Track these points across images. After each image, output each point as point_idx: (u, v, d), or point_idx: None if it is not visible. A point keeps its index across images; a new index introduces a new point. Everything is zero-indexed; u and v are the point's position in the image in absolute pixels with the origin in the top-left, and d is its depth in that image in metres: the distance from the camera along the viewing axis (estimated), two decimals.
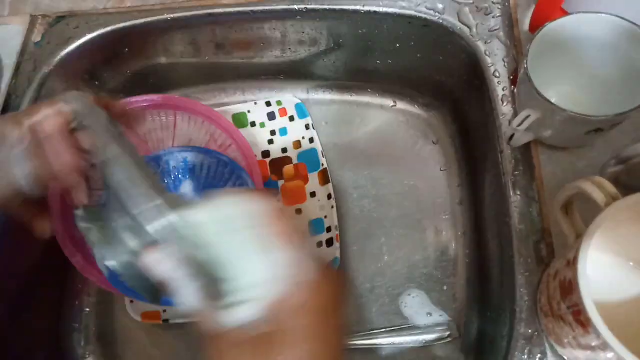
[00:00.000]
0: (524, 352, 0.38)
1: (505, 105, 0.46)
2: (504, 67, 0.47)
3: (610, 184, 0.31)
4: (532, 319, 0.38)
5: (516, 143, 0.42)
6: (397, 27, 0.53)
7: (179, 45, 0.57)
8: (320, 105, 0.64)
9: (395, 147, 0.61)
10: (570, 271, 0.31)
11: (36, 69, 0.51)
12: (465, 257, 0.55)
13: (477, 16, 0.50)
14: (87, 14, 0.54)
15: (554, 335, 0.36)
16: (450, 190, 0.59)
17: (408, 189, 0.59)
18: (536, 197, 0.42)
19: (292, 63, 0.61)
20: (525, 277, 0.40)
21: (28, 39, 0.53)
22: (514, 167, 0.43)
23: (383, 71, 0.60)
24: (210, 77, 0.64)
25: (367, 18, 0.53)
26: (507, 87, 0.46)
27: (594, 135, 0.39)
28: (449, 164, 0.60)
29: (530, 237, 0.41)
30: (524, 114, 0.39)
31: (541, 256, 0.40)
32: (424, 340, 0.51)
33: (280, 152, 0.61)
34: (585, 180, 0.32)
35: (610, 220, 0.30)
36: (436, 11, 0.51)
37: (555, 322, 0.35)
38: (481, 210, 0.53)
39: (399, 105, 0.64)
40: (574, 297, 0.30)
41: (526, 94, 0.40)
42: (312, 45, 0.58)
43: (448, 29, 0.50)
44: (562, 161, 0.43)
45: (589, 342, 0.30)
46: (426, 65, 0.57)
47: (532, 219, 0.41)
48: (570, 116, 0.37)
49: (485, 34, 0.49)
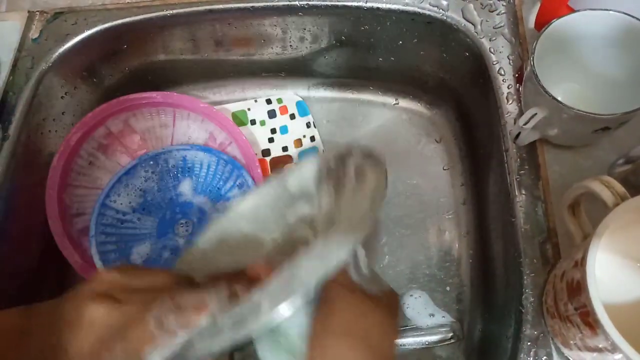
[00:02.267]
0: (529, 354, 0.37)
1: (510, 103, 0.45)
2: (509, 65, 0.47)
3: (618, 183, 0.31)
4: (538, 320, 0.38)
5: (522, 142, 0.42)
6: (400, 24, 0.52)
7: (178, 42, 0.57)
8: (321, 103, 0.64)
9: (398, 145, 0.61)
10: (578, 272, 0.30)
11: (34, 65, 0.50)
12: (468, 257, 0.54)
13: (481, 13, 0.49)
14: (86, 10, 0.53)
15: (560, 337, 0.36)
16: (453, 189, 0.58)
17: (410, 188, 0.58)
18: (542, 197, 0.41)
19: (293, 60, 0.61)
20: (531, 277, 0.39)
21: (25, 35, 0.52)
22: (519, 166, 0.43)
23: (385, 68, 0.60)
24: (209, 75, 0.63)
25: (370, 14, 0.52)
26: (512, 85, 0.46)
27: (600, 133, 0.38)
28: (452, 162, 0.59)
29: (536, 237, 0.40)
30: (530, 112, 0.39)
31: (547, 256, 0.40)
32: (427, 342, 0.51)
33: (280, 151, 0.60)
34: (594, 180, 0.31)
35: (618, 221, 0.30)
36: (440, 8, 0.50)
37: (561, 324, 0.34)
38: (485, 210, 0.52)
39: (402, 103, 0.63)
40: (581, 298, 0.30)
41: (532, 91, 0.39)
42: (314, 42, 0.58)
43: (452, 26, 0.50)
44: (568, 160, 0.42)
45: (597, 343, 0.30)
46: (429, 62, 0.57)
47: (538, 219, 0.41)
48: (578, 114, 0.36)
49: (489, 31, 0.48)
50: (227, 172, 0.55)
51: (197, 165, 0.56)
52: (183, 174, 0.56)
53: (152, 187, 0.55)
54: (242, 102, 0.63)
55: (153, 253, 0.53)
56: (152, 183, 0.55)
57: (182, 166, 0.56)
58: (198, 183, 0.57)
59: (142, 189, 0.55)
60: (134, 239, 0.53)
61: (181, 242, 0.55)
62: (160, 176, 0.56)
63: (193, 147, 0.55)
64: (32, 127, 0.49)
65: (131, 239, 0.53)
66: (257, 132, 0.61)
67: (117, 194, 0.53)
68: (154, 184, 0.55)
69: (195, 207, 0.56)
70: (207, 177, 0.57)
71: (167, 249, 0.54)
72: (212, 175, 0.56)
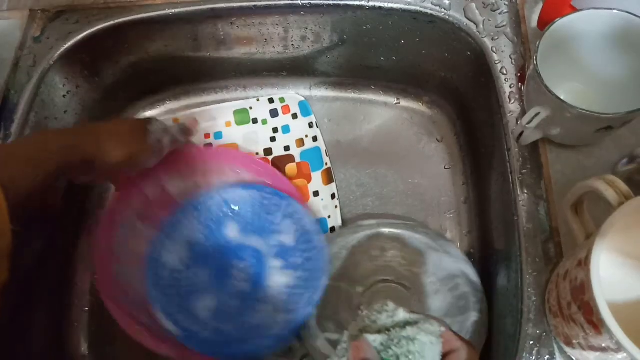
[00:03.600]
0: (532, 353, 0.37)
1: (512, 102, 0.45)
2: (511, 64, 0.47)
3: (623, 182, 0.31)
4: (540, 319, 0.38)
5: (525, 141, 0.42)
6: (402, 23, 0.53)
7: (180, 41, 0.57)
8: (322, 102, 0.64)
9: (399, 144, 0.61)
10: (582, 271, 0.30)
11: (35, 64, 0.50)
12: (470, 256, 0.54)
13: (483, 12, 0.49)
14: (87, 8, 0.53)
15: (563, 336, 0.36)
16: (454, 188, 0.58)
17: (412, 187, 0.58)
18: (544, 196, 0.42)
19: (295, 59, 0.61)
20: (533, 276, 0.39)
21: (27, 34, 0.52)
22: (521, 165, 0.43)
23: (387, 68, 0.60)
24: (211, 73, 0.63)
25: (372, 13, 0.52)
26: (514, 84, 0.46)
27: (603, 133, 0.38)
28: (454, 162, 0.59)
29: (538, 236, 0.40)
30: (533, 112, 0.39)
31: (549, 256, 0.40)
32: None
33: (282, 150, 0.60)
34: (598, 179, 0.31)
35: (622, 220, 0.30)
36: (442, 7, 0.50)
37: (564, 323, 0.34)
38: (487, 209, 0.52)
39: (403, 103, 0.63)
40: (585, 298, 0.30)
41: (535, 91, 0.39)
42: (315, 41, 0.58)
43: (454, 25, 0.50)
44: (571, 159, 0.42)
45: (601, 342, 0.30)
46: (431, 61, 0.57)
47: (540, 218, 0.41)
48: (581, 114, 0.36)
49: (492, 31, 0.49)
50: (273, 204, 0.52)
51: (240, 205, 0.52)
52: (227, 217, 0.52)
53: (199, 238, 0.51)
54: (244, 100, 0.63)
55: (221, 304, 0.49)
56: (198, 233, 0.51)
57: (224, 210, 0.52)
58: (246, 223, 0.53)
59: (189, 241, 0.51)
60: (195, 295, 0.49)
61: (245, 286, 0.50)
62: (204, 224, 0.52)
63: (233, 185, 0.52)
64: (34, 125, 0.49)
65: (192, 296, 0.49)
66: (259, 131, 0.61)
67: (167, 252, 0.49)
68: (200, 234, 0.51)
69: (248, 249, 0.52)
70: (253, 216, 0.53)
71: (233, 298, 0.50)
72: (259, 213, 0.52)
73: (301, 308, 0.47)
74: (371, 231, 0.50)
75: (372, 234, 0.50)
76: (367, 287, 0.49)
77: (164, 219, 0.50)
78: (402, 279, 0.50)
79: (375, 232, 0.50)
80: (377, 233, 0.50)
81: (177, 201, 0.52)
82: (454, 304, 0.48)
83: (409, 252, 0.50)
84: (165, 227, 0.50)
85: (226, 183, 0.53)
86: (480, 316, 0.46)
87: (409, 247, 0.50)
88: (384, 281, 0.50)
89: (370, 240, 0.50)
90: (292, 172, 0.59)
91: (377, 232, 0.50)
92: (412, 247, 0.50)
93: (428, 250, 0.50)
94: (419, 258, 0.50)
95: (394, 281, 0.50)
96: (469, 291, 0.47)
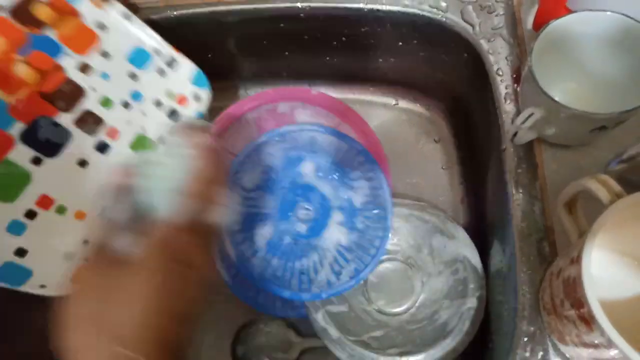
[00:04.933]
0: (526, 350, 0.38)
1: (508, 103, 0.46)
2: (507, 66, 0.47)
3: (614, 182, 0.31)
4: (534, 316, 0.38)
5: (519, 141, 0.42)
6: (400, 25, 0.53)
7: (180, 44, 0.57)
8: None
9: (397, 145, 0.61)
10: (574, 269, 0.31)
11: None
12: None
13: (480, 14, 0.50)
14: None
15: (557, 333, 0.36)
16: (451, 188, 0.59)
17: (410, 187, 0.59)
18: (539, 195, 0.42)
19: (294, 61, 0.61)
20: (528, 274, 0.40)
21: None
22: (516, 165, 0.43)
23: (385, 69, 0.60)
24: (210, 76, 0.63)
25: (370, 16, 0.52)
26: (510, 85, 0.46)
27: (597, 133, 0.39)
28: (451, 162, 0.60)
29: (533, 235, 0.41)
30: (527, 112, 0.39)
31: (543, 254, 0.40)
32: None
33: None
34: (590, 178, 0.32)
35: (614, 218, 0.30)
36: (439, 9, 0.50)
37: (558, 320, 0.35)
38: (483, 208, 0.53)
39: (401, 104, 0.64)
40: (578, 295, 0.30)
41: (530, 91, 0.40)
42: (314, 43, 0.58)
43: (451, 28, 0.50)
44: (565, 159, 0.43)
45: (593, 339, 0.30)
46: (429, 63, 0.57)
47: (535, 217, 0.41)
48: (574, 114, 0.36)
49: (488, 32, 0.49)
50: (357, 162, 0.52)
51: (325, 147, 0.53)
52: (309, 155, 0.53)
53: (276, 165, 0.52)
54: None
55: (275, 236, 0.51)
56: (277, 161, 0.52)
57: (308, 147, 0.52)
58: (324, 168, 0.53)
59: (267, 165, 0.52)
60: (257, 219, 0.50)
61: (302, 228, 0.52)
62: (285, 154, 0.52)
63: (327, 129, 0.52)
64: None
65: (254, 219, 0.50)
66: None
67: (244, 171, 0.50)
68: (278, 162, 0.52)
69: (317, 192, 0.52)
70: (332, 164, 0.53)
71: (288, 234, 0.51)
72: (339, 162, 0.53)
73: (344, 277, 0.48)
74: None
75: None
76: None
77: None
78: (408, 257, 0.52)
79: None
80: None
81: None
82: (454, 287, 0.49)
83: (417, 232, 0.52)
84: (251, 146, 0.50)
85: (319, 124, 0.53)
86: (477, 303, 0.47)
87: (418, 227, 0.52)
88: (390, 259, 0.52)
89: None
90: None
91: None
92: (421, 227, 0.52)
93: (435, 232, 0.51)
94: (426, 239, 0.52)
95: (400, 260, 0.52)
96: (468, 277, 0.48)
